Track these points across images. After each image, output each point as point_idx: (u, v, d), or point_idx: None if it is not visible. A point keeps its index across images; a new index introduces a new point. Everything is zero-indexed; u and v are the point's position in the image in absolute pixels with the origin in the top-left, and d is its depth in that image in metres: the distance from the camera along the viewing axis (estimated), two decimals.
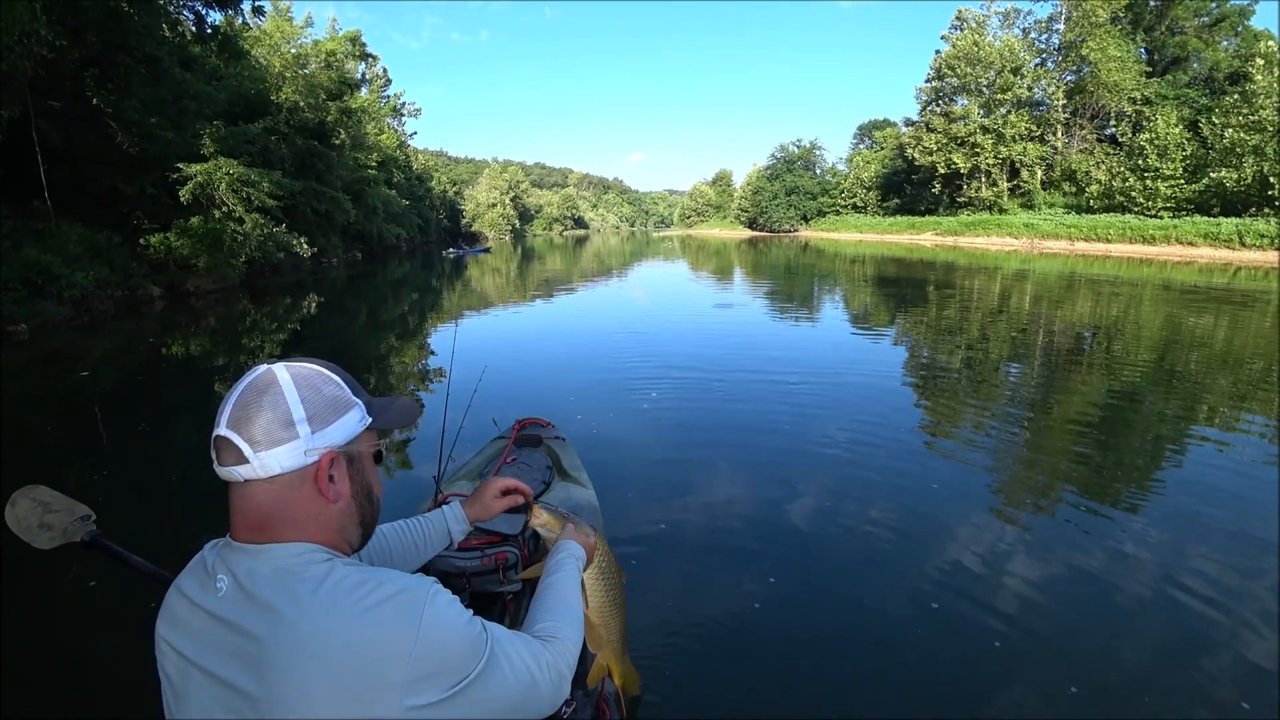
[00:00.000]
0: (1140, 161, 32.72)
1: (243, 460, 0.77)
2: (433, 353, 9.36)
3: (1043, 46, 43.10)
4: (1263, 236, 24.75)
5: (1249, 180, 27.62)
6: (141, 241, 15.20)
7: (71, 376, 8.29)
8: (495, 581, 1.66)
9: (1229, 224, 26.43)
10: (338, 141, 28.17)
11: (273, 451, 0.77)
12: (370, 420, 0.88)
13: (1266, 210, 27.01)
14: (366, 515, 0.89)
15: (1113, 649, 2.55)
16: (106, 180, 15.20)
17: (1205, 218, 28.66)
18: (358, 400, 0.87)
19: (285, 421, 0.78)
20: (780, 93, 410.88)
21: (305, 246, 22.06)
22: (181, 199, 16.59)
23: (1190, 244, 27.18)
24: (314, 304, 15.99)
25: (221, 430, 0.78)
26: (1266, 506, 3.77)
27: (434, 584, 0.80)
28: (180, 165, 16.60)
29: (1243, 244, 25.28)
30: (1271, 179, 26.67)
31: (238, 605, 0.75)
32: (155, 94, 15.43)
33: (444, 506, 1.33)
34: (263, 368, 0.82)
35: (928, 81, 47.33)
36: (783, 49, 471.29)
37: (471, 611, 0.82)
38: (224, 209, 17.69)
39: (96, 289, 12.76)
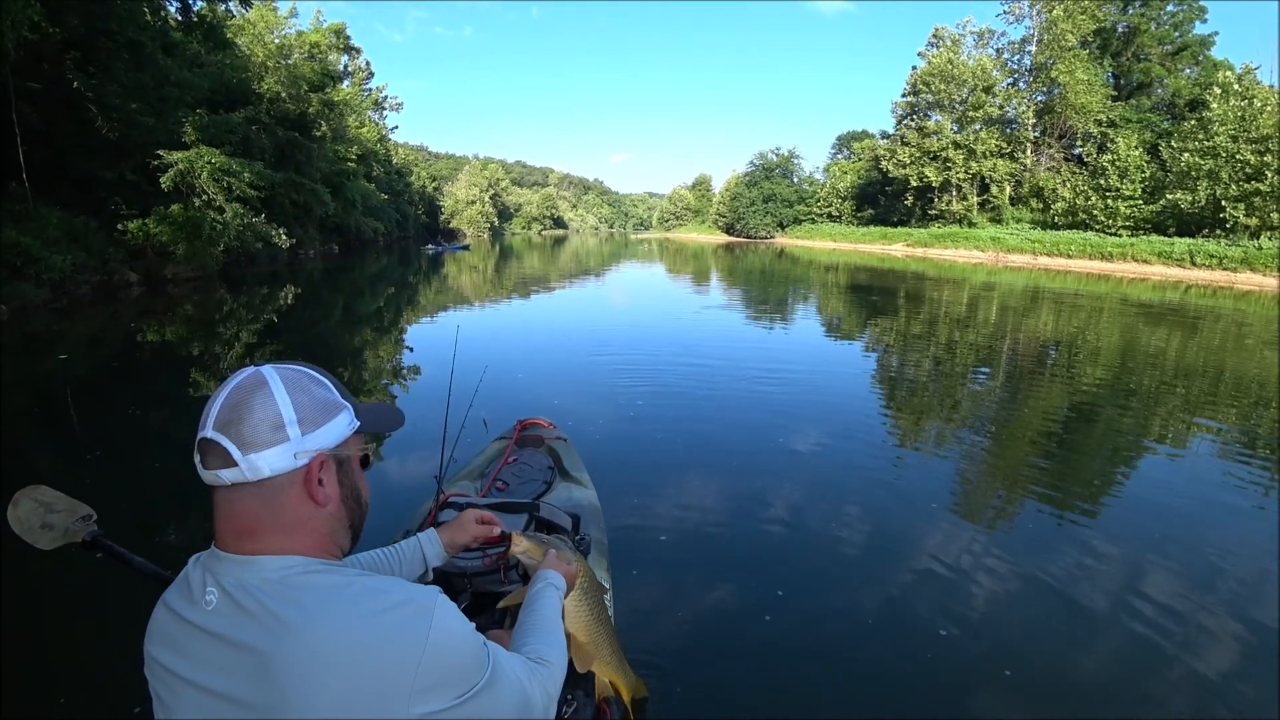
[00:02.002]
0: (1102, 181, 33.94)
1: (230, 463, 0.75)
2: (425, 354, 9.34)
3: (1015, 67, 44.39)
4: (1212, 256, 25.92)
5: (1203, 203, 28.82)
6: (119, 227, 15.06)
7: (51, 359, 8.34)
8: (497, 581, 1.66)
9: (1181, 244, 27.57)
10: (318, 133, 27.97)
11: (262, 454, 0.75)
12: (358, 424, 0.87)
13: (1218, 232, 28.27)
14: (355, 518, 0.88)
15: (1140, 689, 2.43)
16: (86, 165, 15.04)
17: (1161, 237, 29.87)
18: (346, 404, 0.86)
19: (275, 424, 0.76)
20: (762, 97, 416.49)
21: (284, 238, 21.94)
22: (163, 186, 16.45)
23: (1145, 261, 28.25)
24: (291, 295, 15.98)
25: (208, 433, 0.76)
26: None
27: (438, 593, 0.79)
28: (161, 152, 16.46)
29: (1193, 263, 26.42)
30: (1224, 203, 27.92)
31: (231, 618, 0.73)
32: (137, 79, 15.28)
33: (419, 535, 1.32)
34: (250, 369, 0.80)
35: (904, 96, 48.40)
36: (766, 50, 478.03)
37: (474, 625, 0.83)
38: (204, 197, 17.56)
39: (74, 273, 12.65)
